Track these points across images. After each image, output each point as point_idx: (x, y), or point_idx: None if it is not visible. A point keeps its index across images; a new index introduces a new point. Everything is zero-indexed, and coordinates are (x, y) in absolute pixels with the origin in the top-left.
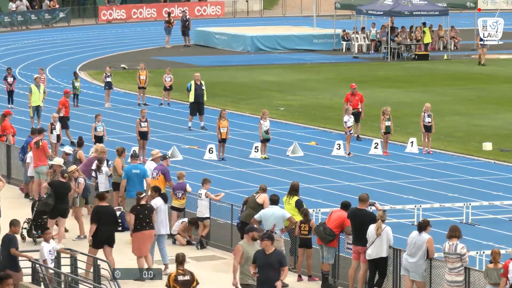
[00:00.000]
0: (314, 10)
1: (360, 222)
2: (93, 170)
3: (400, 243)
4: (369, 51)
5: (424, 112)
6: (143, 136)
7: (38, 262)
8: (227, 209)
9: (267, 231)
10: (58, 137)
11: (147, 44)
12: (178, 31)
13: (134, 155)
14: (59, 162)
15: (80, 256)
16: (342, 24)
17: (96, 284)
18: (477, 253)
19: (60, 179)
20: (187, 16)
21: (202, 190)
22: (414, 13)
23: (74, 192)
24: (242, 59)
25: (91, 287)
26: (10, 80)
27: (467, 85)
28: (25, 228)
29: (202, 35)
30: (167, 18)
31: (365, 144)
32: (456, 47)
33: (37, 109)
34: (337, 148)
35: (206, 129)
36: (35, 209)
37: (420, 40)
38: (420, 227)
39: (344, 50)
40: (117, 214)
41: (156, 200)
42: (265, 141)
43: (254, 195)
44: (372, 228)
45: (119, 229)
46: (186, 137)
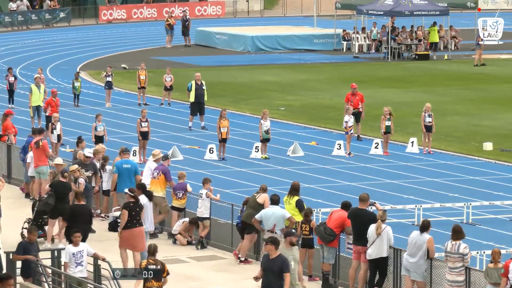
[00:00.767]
0: (315, 10)
1: (360, 222)
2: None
3: (401, 243)
4: (370, 50)
5: (424, 112)
6: (144, 136)
7: (38, 262)
8: (227, 209)
9: (271, 236)
10: (59, 137)
11: (147, 44)
12: (178, 31)
13: (125, 150)
14: (59, 162)
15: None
16: (343, 24)
17: (97, 284)
18: (478, 253)
19: (61, 179)
20: (187, 16)
21: (203, 190)
22: (415, 13)
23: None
24: (243, 59)
25: (92, 287)
26: (11, 79)
27: (467, 85)
28: (25, 228)
29: (203, 35)
30: (167, 19)
31: (366, 144)
32: (456, 47)
33: (37, 109)
34: (337, 148)
35: (207, 129)
36: (35, 209)
37: (425, 39)
38: (423, 227)
39: (344, 50)
40: (92, 213)
41: (140, 198)
42: (265, 141)
43: (255, 195)
44: (373, 228)
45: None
46: (187, 137)
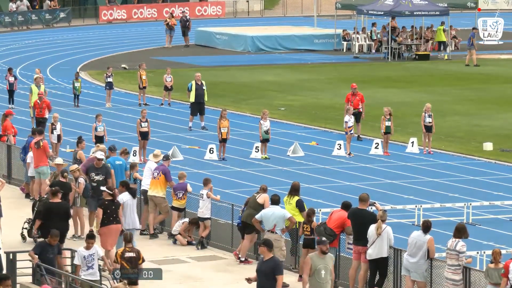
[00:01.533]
0: (315, 10)
1: (360, 222)
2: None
3: (401, 243)
4: (371, 50)
5: (425, 112)
6: (143, 136)
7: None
8: (228, 209)
9: (266, 239)
10: (59, 137)
11: (147, 44)
12: (178, 31)
13: (112, 148)
14: (60, 162)
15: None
16: (343, 24)
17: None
18: (478, 253)
19: (61, 179)
20: (187, 16)
21: (203, 190)
22: (415, 13)
23: (75, 192)
24: (243, 59)
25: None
26: (11, 79)
27: (467, 85)
28: (25, 228)
29: (203, 35)
30: (167, 19)
31: (366, 144)
32: (456, 47)
33: None
34: (337, 148)
35: (207, 129)
36: (35, 209)
37: (432, 38)
38: (426, 228)
39: (344, 50)
40: (69, 211)
41: (123, 195)
42: (264, 141)
43: (255, 195)
44: (373, 228)
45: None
46: (187, 137)
